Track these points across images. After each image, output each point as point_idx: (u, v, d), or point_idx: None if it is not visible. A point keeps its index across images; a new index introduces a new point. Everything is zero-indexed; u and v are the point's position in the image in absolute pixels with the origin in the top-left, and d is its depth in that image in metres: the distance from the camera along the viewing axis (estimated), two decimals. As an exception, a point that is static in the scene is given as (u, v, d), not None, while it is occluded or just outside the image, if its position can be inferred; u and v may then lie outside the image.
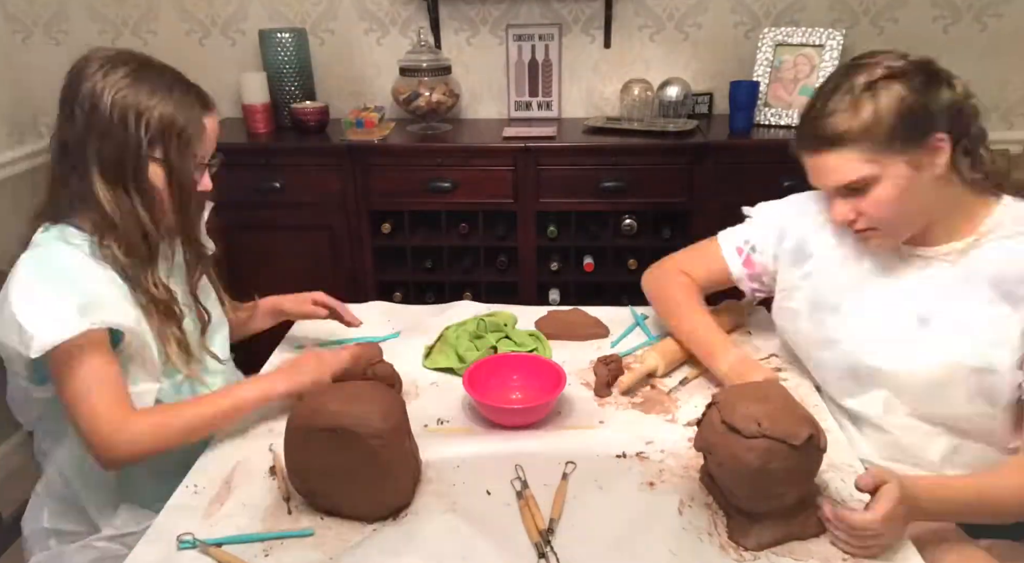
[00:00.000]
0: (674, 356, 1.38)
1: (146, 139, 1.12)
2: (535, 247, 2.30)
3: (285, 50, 2.37)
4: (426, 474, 1.11)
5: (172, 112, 1.13)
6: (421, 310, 1.69)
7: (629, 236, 2.29)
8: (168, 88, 1.14)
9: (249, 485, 1.11)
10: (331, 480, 1.02)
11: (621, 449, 1.17)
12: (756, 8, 2.39)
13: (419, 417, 1.23)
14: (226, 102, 2.59)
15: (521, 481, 1.09)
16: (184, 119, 1.14)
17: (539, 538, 0.98)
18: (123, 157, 1.11)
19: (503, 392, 1.30)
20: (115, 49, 1.15)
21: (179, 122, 1.13)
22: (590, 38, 2.47)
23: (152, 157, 1.13)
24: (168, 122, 1.12)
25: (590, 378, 1.36)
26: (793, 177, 1.25)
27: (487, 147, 2.24)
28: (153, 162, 1.14)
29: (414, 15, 2.46)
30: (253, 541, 1.00)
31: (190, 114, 1.15)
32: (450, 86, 2.37)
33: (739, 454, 0.94)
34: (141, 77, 1.12)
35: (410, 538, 0.99)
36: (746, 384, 1.13)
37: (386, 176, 2.25)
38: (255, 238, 2.35)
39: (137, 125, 1.11)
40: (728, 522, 1.01)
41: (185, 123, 1.14)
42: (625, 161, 2.19)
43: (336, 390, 1.09)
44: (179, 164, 1.15)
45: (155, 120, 1.12)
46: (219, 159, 1.26)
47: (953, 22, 2.35)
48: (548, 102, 2.52)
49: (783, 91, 2.33)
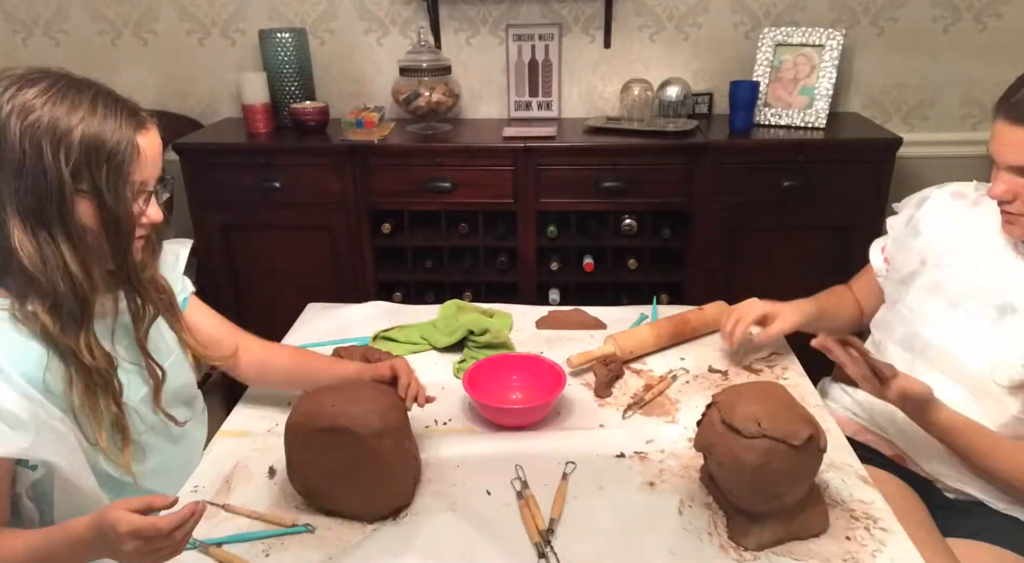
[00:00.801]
0: (635, 343, 1.42)
1: (68, 169, 0.92)
2: (535, 247, 2.30)
3: (285, 50, 2.37)
4: (426, 474, 1.12)
5: (97, 132, 0.93)
6: (421, 310, 1.69)
7: (629, 236, 2.29)
8: (90, 105, 0.95)
9: (249, 485, 1.11)
10: (331, 480, 1.02)
11: (621, 449, 1.17)
12: (756, 8, 2.39)
13: (419, 417, 1.23)
14: (226, 102, 2.60)
15: (521, 481, 1.09)
16: (114, 140, 0.94)
17: (539, 538, 0.98)
18: (42, 195, 0.92)
19: (503, 392, 1.31)
20: (23, 67, 0.97)
21: (107, 144, 0.94)
22: (590, 38, 2.47)
23: (78, 190, 0.93)
24: (94, 145, 0.93)
25: (590, 378, 1.36)
26: (793, 177, 1.25)
27: (487, 147, 2.24)
28: (80, 196, 0.94)
29: (414, 15, 2.46)
30: (253, 540, 1.00)
31: (121, 133, 0.95)
32: (450, 86, 2.37)
33: (739, 454, 0.94)
34: (56, 96, 0.93)
35: (410, 538, 0.99)
36: (746, 384, 1.13)
37: (386, 176, 2.25)
38: (255, 238, 2.35)
39: (55, 153, 0.91)
40: (728, 522, 1.01)
41: (115, 144, 0.95)
42: (625, 161, 2.19)
43: (336, 390, 1.10)
44: (111, 195, 0.95)
45: (76, 144, 0.92)
46: (168, 184, 1.07)
47: (953, 22, 2.35)
48: (548, 102, 2.52)
49: (783, 91, 2.33)
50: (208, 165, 2.28)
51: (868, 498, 1.06)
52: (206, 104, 2.61)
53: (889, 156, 2.14)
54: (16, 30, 2.55)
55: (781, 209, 2.18)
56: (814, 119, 2.28)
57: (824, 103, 2.27)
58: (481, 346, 1.44)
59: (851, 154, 2.17)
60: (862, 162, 2.15)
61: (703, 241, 2.23)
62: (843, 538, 0.99)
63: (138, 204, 1.00)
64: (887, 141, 2.14)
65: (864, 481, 1.10)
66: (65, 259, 0.94)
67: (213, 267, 2.38)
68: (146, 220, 1.02)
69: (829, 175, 2.13)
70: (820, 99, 2.28)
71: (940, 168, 2.42)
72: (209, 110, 2.61)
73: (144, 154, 0.98)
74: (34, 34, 2.55)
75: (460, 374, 1.35)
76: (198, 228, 2.34)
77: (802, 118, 2.29)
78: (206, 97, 2.60)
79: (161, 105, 2.59)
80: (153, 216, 1.03)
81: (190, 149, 2.29)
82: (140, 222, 1.01)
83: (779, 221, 2.19)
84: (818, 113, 2.28)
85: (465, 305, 1.60)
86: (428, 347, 1.50)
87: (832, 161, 2.15)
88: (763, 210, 2.19)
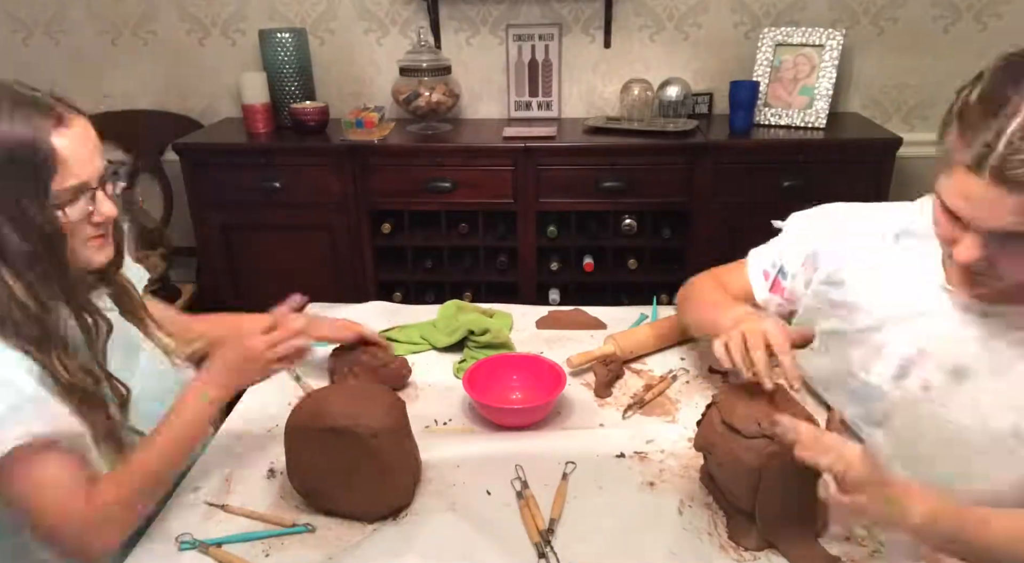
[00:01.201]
0: (635, 343, 1.41)
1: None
2: (535, 247, 2.30)
3: (285, 50, 2.37)
4: (426, 474, 1.11)
5: (2, 140, 0.85)
6: (421, 310, 1.69)
7: (629, 236, 2.29)
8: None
9: (249, 485, 1.11)
10: (331, 480, 1.02)
11: (621, 449, 1.17)
12: (756, 8, 2.39)
13: (419, 417, 1.23)
14: (226, 102, 2.60)
15: (521, 481, 1.09)
16: (22, 146, 0.86)
17: (539, 538, 0.98)
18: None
19: (503, 392, 1.30)
20: None
21: (16, 151, 0.86)
22: (590, 38, 2.47)
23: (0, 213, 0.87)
24: (2, 159, 0.85)
25: (590, 378, 1.36)
26: (793, 177, 1.24)
27: (487, 147, 2.24)
28: (3, 219, 0.87)
29: (414, 15, 2.46)
30: (253, 540, 1.00)
31: (31, 137, 0.87)
32: (450, 86, 2.37)
33: (739, 454, 0.94)
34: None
35: (410, 538, 0.99)
36: (746, 384, 1.13)
37: (386, 176, 2.25)
38: (255, 238, 2.35)
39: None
40: (728, 522, 1.01)
41: (25, 151, 0.86)
42: (625, 161, 2.19)
43: (336, 390, 1.10)
44: (33, 208, 0.87)
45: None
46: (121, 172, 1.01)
47: (953, 22, 2.35)
48: (548, 102, 2.52)
49: (783, 91, 2.33)
50: (208, 165, 2.29)
51: (868, 498, 1.06)
52: (206, 104, 2.61)
53: (889, 156, 2.14)
54: (16, 30, 2.55)
55: (781, 209, 2.17)
56: (814, 119, 2.28)
57: (824, 103, 2.27)
58: (481, 346, 1.44)
59: (851, 154, 2.17)
60: (862, 162, 2.15)
61: (703, 241, 2.23)
62: (843, 538, 0.99)
63: (78, 206, 0.92)
64: (887, 141, 2.14)
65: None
66: (9, 285, 0.89)
67: (213, 267, 2.39)
68: (98, 218, 0.95)
69: (829, 175, 2.13)
70: (820, 99, 2.28)
71: (940, 168, 2.42)
72: (209, 110, 2.61)
73: (66, 155, 0.89)
74: (34, 34, 2.55)
75: (460, 374, 1.35)
76: (198, 228, 2.34)
77: (802, 118, 2.29)
78: (206, 97, 2.60)
79: (161, 105, 2.59)
80: (106, 212, 0.96)
81: (190, 149, 2.29)
82: (92, 221, 0.95)
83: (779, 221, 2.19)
84: (818, 113, 2.28)
85: (465, 305, 1.60)
86: (428, 347, 1.50)
87: (832, 161, 2.15)
88: (763, 210, 2.15)
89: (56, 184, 0.89)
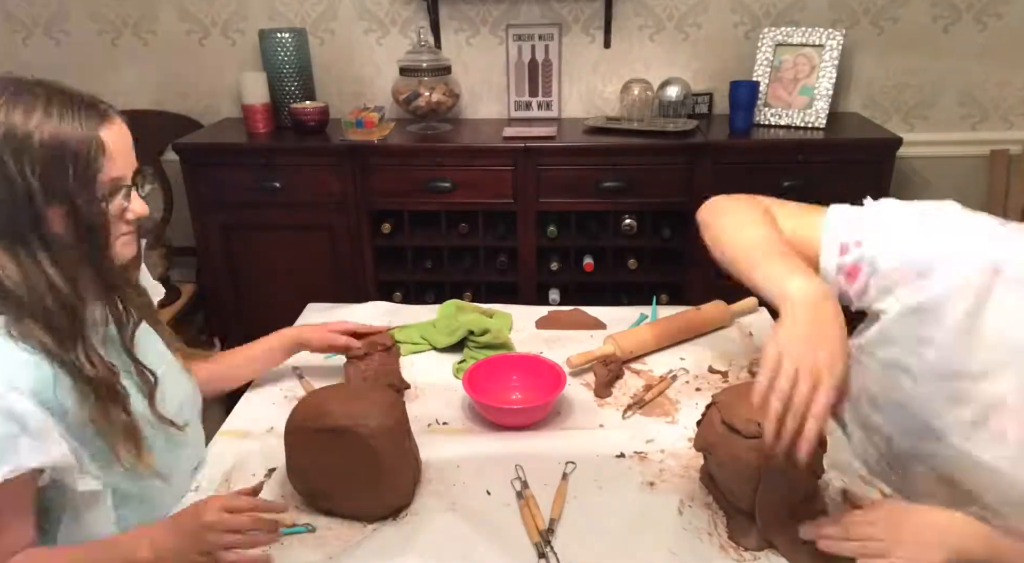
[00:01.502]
0: (635, 343, 1.41)
1: (35, 178, 0.87)
2: (535, 247, 2.30)
3: (285, 50, 2.37)
4: (426, 474, 1.12)
5: (56, 134, 0.89)
6: (421, 310, 1.69)
7: (629, 236, 2.29)
8: (45, 105, 0.90)
9: (249, 485, 1.11)
10: (331, 480, 1.02)
11: (621, 449, 1.17)
12: (756, 8, 2.39)
13: (419, 417, 1.23)
14: (226, 102, 2.60)
15: (521, 481, 1.09)
16: (76, 139, 0.90)
17: (539, 538, 0.98)
18: (13, 210, 0.88)
19: (503, 392, 1.31)
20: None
21: (71, 145, 0.89)
22: (590, 38, 2.47)
23: (49, 199, 0.89)
24: (56, 148, 0.88)
25: (590, 378, 1.36)
26: (793, 177, 1.23)
27: (487, 147, 2.24)
28: (52, 205, 0.90)
29: (414, 15, 2.46)
30: (253, 541, 1.00)
31: (83, 131, 0.91)
32: (450, 86, 2.37)
33: (739, 454, 0.94)
34: (7, 104, 0.89)
35: (410, 538, 0.99)
36: (746, 384, 1.13)
37: (386, 176, 2.25)
38: (255, 238, 2.35)
39: (19, 163, 0.87)
40: (728, 522, 1.01)
41: (79, 144, 0.90)
42: (625, 161, 2.19)
43: (336, 390, 1.10)
44: (84, 199, 0.91)
45: (38, 150, 0.87)
46: (145, 175, 1.03)
47: (953, 22, 2.35)
48: (548, 102, 2.52)
49: (783, 91, 2.33)
50: (208, 165, 2.29)
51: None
52: (206, 104, 2.61)
53: (889, 156, 2.14)
54: (16, 30, 2.55)
55: (781, 209, 2.18)
56: (814, 119, 2.28)
57: (824, 103, 2.27)
58: (481, 346, 1.44)
59: (851, 154, 2.17)
60: (862, 162, 2.15)
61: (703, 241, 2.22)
62: (843, 538, 0.99)
63: (116, 201, 0.95)
64: (887, 141, 2.14)
65: (864, 480, 1.10)
66: (48, 274, 0.91)
67: (213, 267, 2.39)
68: (131, 215, 0.98)
69: (829, 175, 2.13)
70: (820, 99, 2.28)
71: (940, 168, 2.42)
72: (209, 110, 2.61)
73: (111, 149, 0.93)
74: (34, 34, 2.55)
75: (460, 374, 1.35)
76: (198, 228, 2.34)
77: (802, 118, 2.29)
78: (206, 97, 2.60)
79: (161, 105, 2.59)
80: (138, 210, 0.98)
81: (190, 149, 2.29)
82: (125, 218, 0.97)
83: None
84: (818, 113, 2.28)
85: (465, 305, 1.60)
86: (428, 347, 1.50)
87: (832, 161, 2.15)
88: (763, 210, 2.19)
89: (103, 177, 0.93)
